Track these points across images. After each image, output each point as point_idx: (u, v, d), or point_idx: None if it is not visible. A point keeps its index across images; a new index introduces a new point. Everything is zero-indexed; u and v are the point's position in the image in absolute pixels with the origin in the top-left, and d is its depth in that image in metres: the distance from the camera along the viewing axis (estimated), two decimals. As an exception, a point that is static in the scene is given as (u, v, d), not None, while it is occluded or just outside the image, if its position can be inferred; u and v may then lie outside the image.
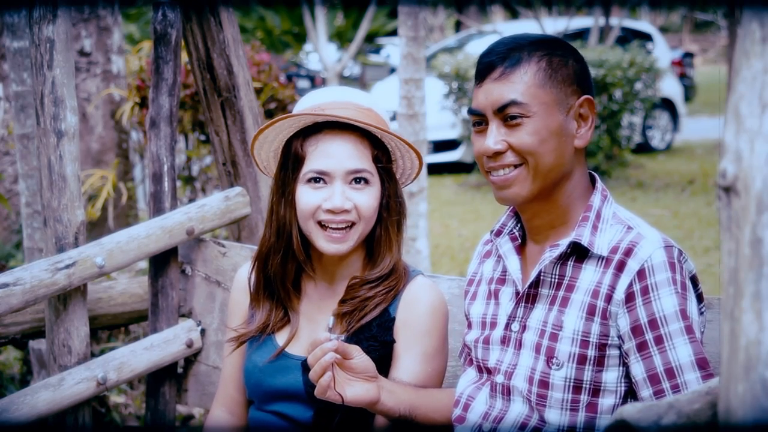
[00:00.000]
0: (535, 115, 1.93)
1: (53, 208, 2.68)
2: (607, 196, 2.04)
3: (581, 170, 2.02)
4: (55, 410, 2.62)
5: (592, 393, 1.91)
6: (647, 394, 1.86)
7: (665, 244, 1.90)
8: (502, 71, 1.96)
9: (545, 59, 1.96)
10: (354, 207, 2.21)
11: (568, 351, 1.92)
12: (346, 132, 2.22)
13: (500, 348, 2.05)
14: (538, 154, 1.94)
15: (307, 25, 15.74)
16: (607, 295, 1.90)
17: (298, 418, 2.24)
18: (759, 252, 1.10)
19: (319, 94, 2.30)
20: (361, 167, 2.22)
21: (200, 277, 2.96)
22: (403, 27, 5.73)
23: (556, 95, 1.95)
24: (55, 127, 2.67)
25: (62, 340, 2.70)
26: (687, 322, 1.85)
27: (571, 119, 1.97)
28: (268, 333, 2.32)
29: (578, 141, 1.98)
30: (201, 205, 2.91)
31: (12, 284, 2.52)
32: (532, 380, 1.96)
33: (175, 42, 2.89)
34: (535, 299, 2.01)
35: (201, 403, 2.98)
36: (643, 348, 1.86)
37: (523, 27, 14.89)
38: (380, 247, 2.28)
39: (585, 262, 1.95)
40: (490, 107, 1.97)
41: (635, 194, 10.63)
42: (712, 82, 22.19)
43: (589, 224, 1.96)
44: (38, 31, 2.65)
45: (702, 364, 1.84)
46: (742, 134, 1.13)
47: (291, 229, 2.26)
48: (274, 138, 2.28)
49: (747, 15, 1.14)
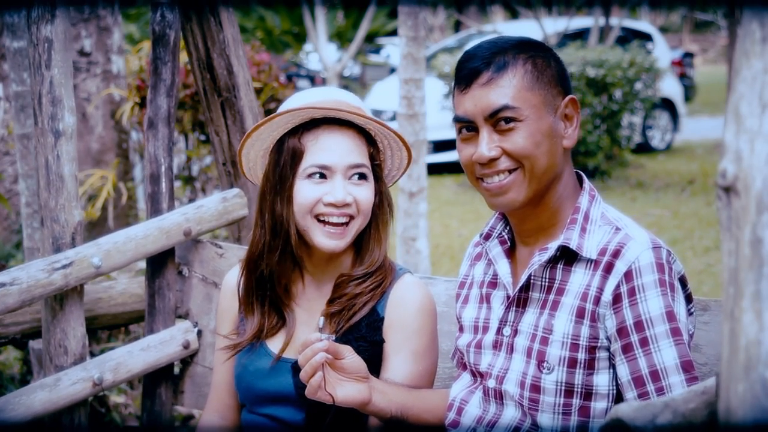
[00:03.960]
0: (527, 119, 1.92)
1: (50, 208, 2.68)
2: (595, 196, 2.03)
3: (569, 170, 2.02)
4: (51, 410, 2.62)
5: (584, 397, 1.91)
6: (631, 396, 1.85)
7: (653, 245, 1.89)
8: (489, 76, 1.94)
9: (530, 61, 1.95)
10: (354, 201, 2.21)
11: (559, 355, 1.91)
12: (344, 128, 2.23)
13: (492, 352, 2.04)
14: (533, 158, 1.93)
15: (307, 25, 15.75)
16: (596, 297, 1.89)
17: (290, 420, 2.24)
18: (759, 252, 1.09)
19: (308, 94, 2.30)
20: (361, 162, 2.22)
21: (197, 279, 2.96)
22: (403, 27, 5.74)
23: (544, 97, 1.94)
24: (52, 127, 2.67)
25: (58, 340, 2.70)
26: (673, 324, 1.84)
27: (559, 120, 1.97)
28: (261, 339, 2.32)
29: (566, 141, 1.98)
30: (198, 206, 2.91)
31: (9, 284, 2.52)
32: (524, 385, 1.95)
33: (173, 43, 2.89)
34: (526, 303, 2.00)
35: (197, 404, 2.98)
36: (628, 350, 1.85)
37: (523, 27, 14.90)
38: (369, 244, 2.28)
39: (574, 265, 1.95)
40: (480, 114, 1.95)
41: (635, 194, 10.63)
42: (712, 82, 22.22)
43: (577, 227, 1.96)
44: (36, 30, 2.65)
45: (687, 367, 1.83)
46: (742, 134, 1.13)
47: (289, 226, 2.24)
48: (267, 136, 2.27)
49: (747, 15, 1.14)
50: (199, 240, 2.96)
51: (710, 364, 2.12)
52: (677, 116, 14.24)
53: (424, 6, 6.07)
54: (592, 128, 11.03)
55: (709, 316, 2.15)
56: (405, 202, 5.89)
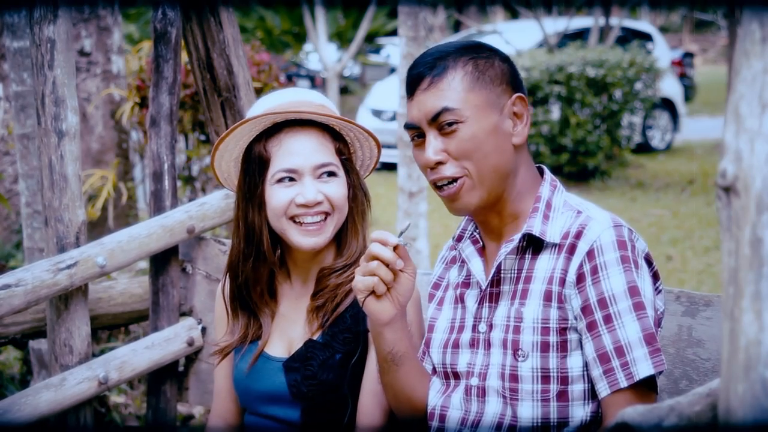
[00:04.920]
0: (468, 119, 1.94)
1: (54, 207, 2.69)
2: (557, 186, 2.05)
3: (526, 166, 2.03)
4: (57, 410, 2.62)
5: (561, 381, 1.92)
6: (597, 373, 1.87)
7: (614, 223, 1.91)
8: (430, 81, 1.97)
9: (471, 62, 1.98)
10: (326, 198, 2.22)
11: (531, 340, 1.93)
12: (306, 128, 2.25)
13: (470, 351, 2.05)
14: (477, 158, 1.94)
15: (307, 25, 15.75)
16: (561, 278, 1.92)
17: (289, 419, 2.26)
18: (759, 252, 1.10)
19: (271, 98, 2.32)
20: (327, 161, 2.24)
21: (201, 276, 2.97)
22: (403, 27, 5.74)
23: (486, 96, 1.96)
24: (56, 127, 2.67)
25: (63, 339, 2.70)
26: (636, 298, 1.86)
27: (506, 118, 1.98)
28: (249, 341, 2.34)
29: (516, 138, 1.99)
30: (201, 203, 2.91)
31: (14, 285, 2.53)
32: (504, 376, 1.96)
33: (175, 40, 2.90)
34: (498, 297, 2.02)
35: (202, 401, 2.99)
36: (593, 327, 1.87)
37: (523, 27, 14.89)
38: (347, 237, 2.30)
39: (541, 253, 1.97)
40: (423, 118, 1.98)
41: (635, 194, 10.62)
42: (712, 82, 22.21)
43: (539, 214, 1.98)
44: (39, 31, 2.65)
45: (649, 339, 1.84)
46: (742, 134, 1.13)
47: (261, 233, 2.26)
48: (234, 146, 2.29)
49: (747, 15, 1.14)
50: (203, 237, 2.97)
51: (713, 359, 2.13)
52: (677, 116, 14.24)
53: (424, 6, 6.07)
54: (592, 128, 11.03)
55: (711, 311, 2.16)
56: (405, 202, 5.90)
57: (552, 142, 10.99)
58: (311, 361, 2.23)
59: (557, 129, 10.94)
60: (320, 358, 2.23)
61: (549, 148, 10.98)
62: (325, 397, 2.22)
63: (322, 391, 2.22)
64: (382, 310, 2.01)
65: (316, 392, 2.22)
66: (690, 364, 2.17)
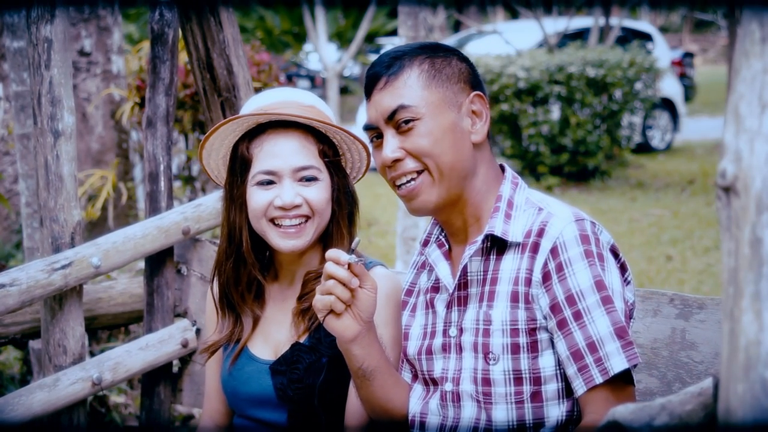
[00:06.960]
0: (424, 117, 1.94)
1: (50, 207, 2.68)
2: (519, 183, 2.04)
3: (487, 164, 2.02)
4: (50, 411, 2.62)
5: (534, 382, 1.91)
6: (572, 371, 1.86)
7: (576, 218, 1.91)
8: (386, 80, 1.98)
9: (427, 61, 1.98)
10: (305, 201, 2.22)
11: (501, 343, 1.92)
12: (289, 130, 2.23)
13: (443, 356, 2.03)
14: (434, 155, 1.94)
15: (307, 25, 15.76)
16: (527, 278, 1.91)
17: (276, 421, 2.27)
18: (759, 252, 1.09)
19: (261, 97, 2.31)
20: (308, 164, 2.23)
21: (196, 277, 2.97)
22: (403, 27, 5.73)
23: (443, 94, 1.96)
24: (52, 127, 2.67)
25: (57, 340, 2.70)
26: (604, 293, 1.85)
27: (464, 116, 1.98)
28: (235, 341, 2.34)
29: (475, 136, 1.99)
30: (197, 204, 2.91)
31: (8, 285, 2.52)
32: (476, 380, 1.95)
33: (172, 41, 2.89)
34: (467, 300, 2.00)
35: (196, 402, 2.98)
36: (563, 325, 1.86)
37: (523, 27, 14.90)
38: (332, 241, 2.29)
39: (505, 253, 1.96)
40: (381, 117, 1.98)
41: (635, 194, 10.63)
42: (712, 82, 22.21)
43: (500, 214, 1.97)
44: (36, 30, 2.65)
45: (620, 333, 1.84)
46: (742, 134, 1.13)
47: (241, 234, 2.27)
48: (220, 145, 2.29)
49: (747, 15, 1.14)
50: (198, 239, 2.97)
51: (707, 362, 2.12)
52: (677, 116, 14.25)
53: (424, 6, 6.06)
54: (592, 128, 11.04)
55: (705, 314, 2.15)
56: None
57: (552, 142, 11.00)
58: (297, 364, 2.23)
59: (557, 129, 10.95)
60: (307, 362, 2.23)
61: (549, 148, 10.99)
62: (311, 400, 2.22)
63: (308, 395, 2.21)
64: (345, 328, 1.97)
65: (303, 395, 2.22)
66: (683, 366, 2.16)
